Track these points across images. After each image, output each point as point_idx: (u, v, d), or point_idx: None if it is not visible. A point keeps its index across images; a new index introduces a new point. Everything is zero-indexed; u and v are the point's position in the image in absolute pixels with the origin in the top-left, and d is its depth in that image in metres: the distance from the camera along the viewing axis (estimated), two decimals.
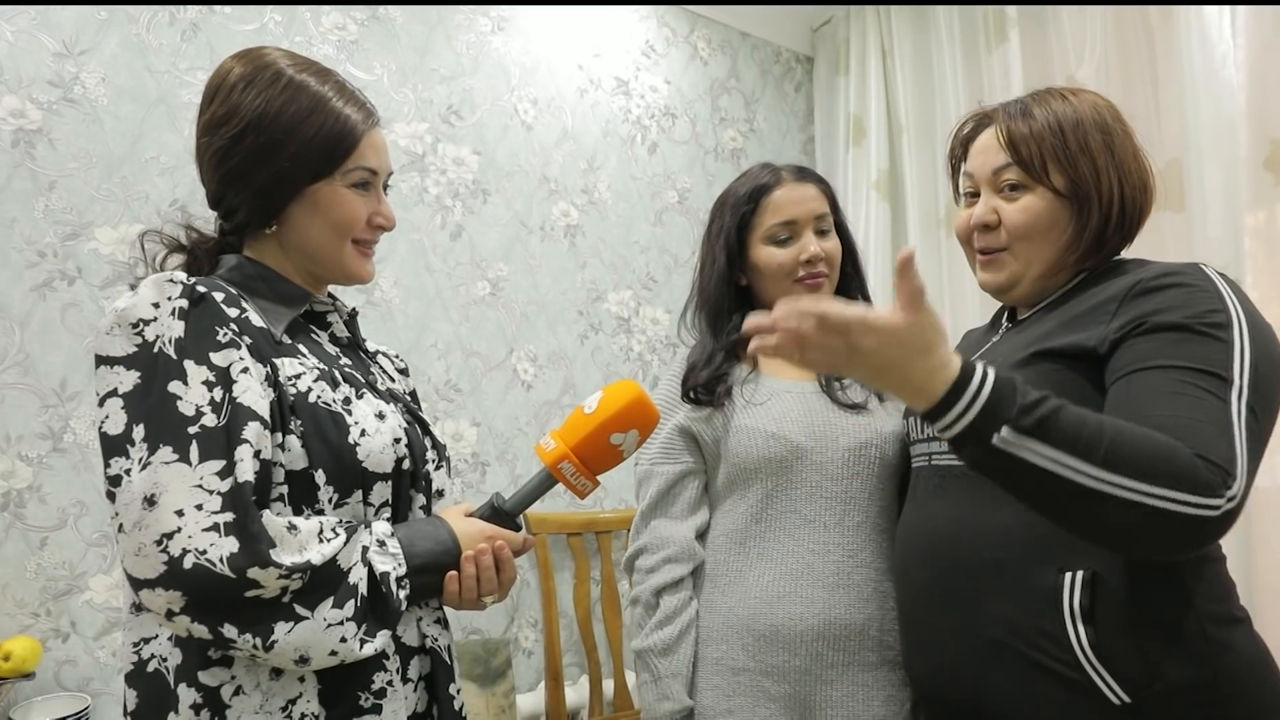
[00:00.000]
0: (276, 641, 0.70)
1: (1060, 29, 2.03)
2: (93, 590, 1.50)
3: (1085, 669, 0.80)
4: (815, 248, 1.18)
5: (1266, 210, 1.62)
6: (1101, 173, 0.91)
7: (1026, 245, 0.95)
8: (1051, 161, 0.92)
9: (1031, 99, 0.97)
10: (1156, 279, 0.84)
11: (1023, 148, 0.93)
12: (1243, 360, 0.77)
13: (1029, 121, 0.94)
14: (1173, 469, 0.70)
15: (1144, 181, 0.94)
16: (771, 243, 1.21)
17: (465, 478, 1.96)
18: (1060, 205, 0.93)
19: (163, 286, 0.76)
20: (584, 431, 0.88)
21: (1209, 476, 0.70)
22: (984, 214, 0.97)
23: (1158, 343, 0.79)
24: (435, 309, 1.95)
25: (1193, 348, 0.77)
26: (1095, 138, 0.91)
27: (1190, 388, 0.75)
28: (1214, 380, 0.75)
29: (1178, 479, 0.70)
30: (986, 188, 0.98)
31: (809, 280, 1.19)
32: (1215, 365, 0.76)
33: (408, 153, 1.94)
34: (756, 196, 1.22)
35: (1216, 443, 0.72)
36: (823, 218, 1.21)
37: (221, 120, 0.83)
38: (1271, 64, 1.62)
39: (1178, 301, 0.81)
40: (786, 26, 2.69)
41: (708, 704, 1.11)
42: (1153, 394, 0.76)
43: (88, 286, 1.55)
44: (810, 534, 1.12)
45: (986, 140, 0.98)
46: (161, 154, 1.64)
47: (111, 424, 0.72)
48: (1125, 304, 0.84)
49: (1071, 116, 0.92)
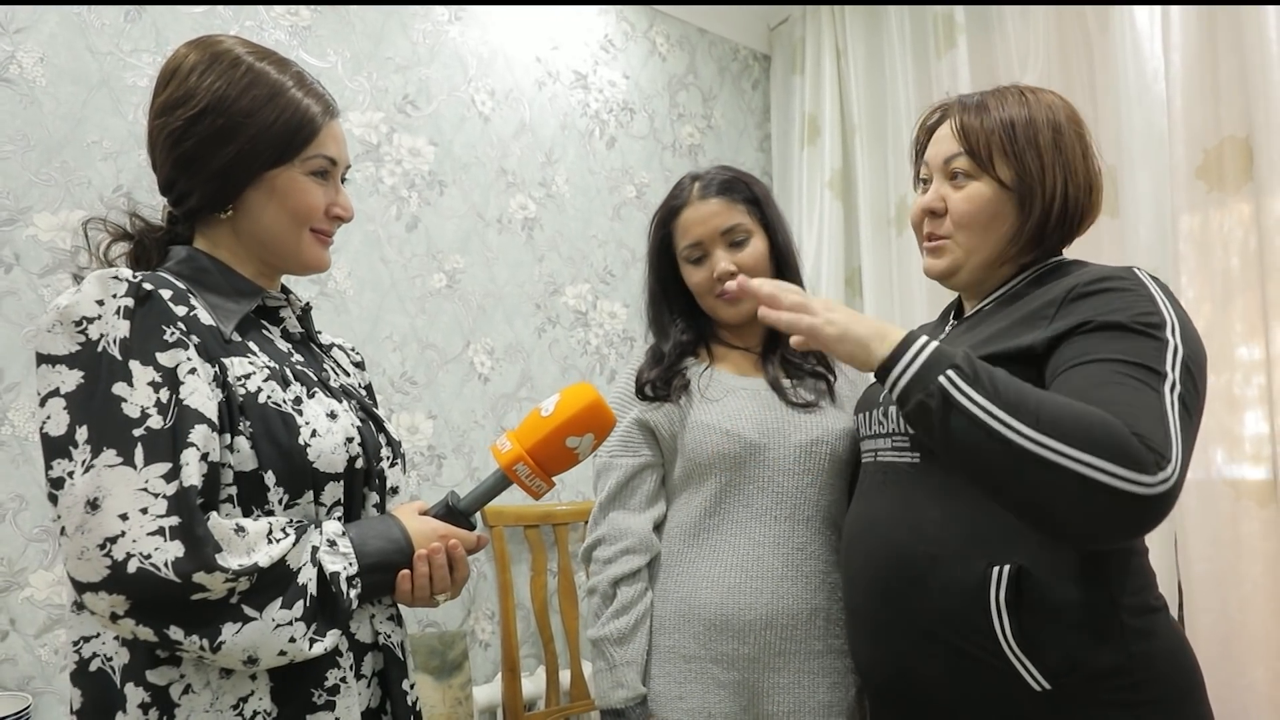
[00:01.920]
0: (224, 642, 0.69)
1: (1005, 37, 2.09)
2: (33, 587, 1.46)
3: (1009, 657, 0.84)
4: (725, 264, 1.20)
5: (1200, 215, 1.70)
6: (1047, 169, 0.94)
7: (969, 234, 0.98)
8: (999, 154, 0.95)
9: (990, 94, 1.00)
10: (1092, 283, 0.87)
11: (972, 138, 0.96)
12: (1175, 357, 0.80)
13: (982, 114, 0.97)
14: (1110, 442, 0.72)
15: (1090, 183, 0.97)
16: (688, 263, 1.24)
17: (421, 470, 1.95)
18: (1004, 197, 0.96)
19: (107, 283, 0.74)
20: (540, 434, 0.88)
21: (1145, 455, 0.72)
22: (931, 200, 1.00)
23: (1096, 340, 0.82)
24: (390, 300, 1.93)
25: (1128, 344, 0.81)
26: (1045, 135, 0.94)
27: (1126, 379, 0.78)
28: (1149, 373, 0.78)
29: (1115, 452, 0.71)
30: (938, 175, 1.01)
31: (726, 295, 1.21)
32: (1150, 360, 0.79)
33: (363, 142, 1.92)
34: (668, 221, 1.26)
35: (1153, 427, 0.74)
36: (732, 230, 1.21)
37: (178, 102, 0.81)
38: (1205, 77, 1.70)
39: (1116, 304, 0.84)
40: (744, 24, 2.71)
41: (659, 690, 1.14)
42: (1090, 382, 0.79)
43: (26, 274, 1.50)
44: (761, 527, 1.15)
45: (944, 130, 1.01)
46: (104, 138, 1.59)
47: (53, 424, 0.70)
48: (1064, 307, 0.87)
49: (1024, 114, 0.96)
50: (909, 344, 0.81)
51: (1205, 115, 1.69)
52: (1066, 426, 0.73)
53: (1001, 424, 0.74)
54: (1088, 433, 0.72)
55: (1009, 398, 0.76)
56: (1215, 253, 1.67)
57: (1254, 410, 1.61)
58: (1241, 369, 1.63)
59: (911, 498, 0.95)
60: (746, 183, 1.25)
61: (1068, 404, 0.75)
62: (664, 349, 1.26)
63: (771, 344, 1.28)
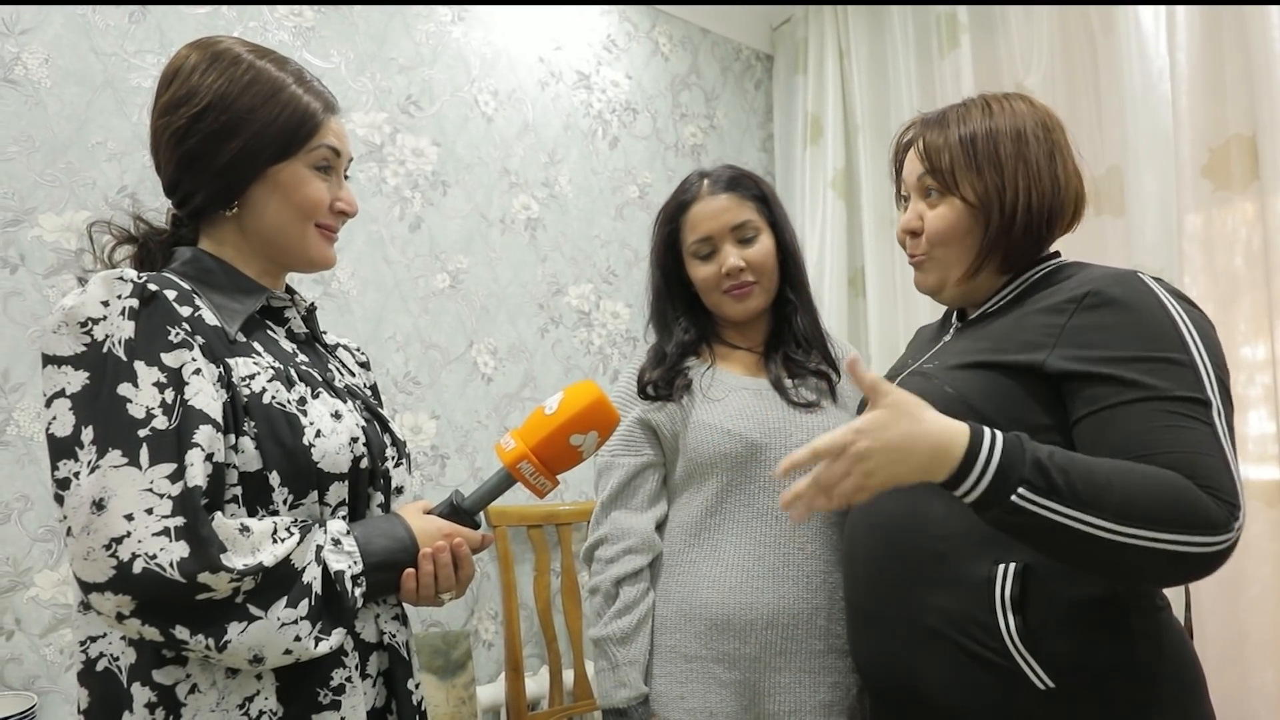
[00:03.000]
0: (229, 642, 0.69)
1: (1009, 37, 2.09)
2: (38, 586, 1.46)
3: (1013, 656, 0.84)
4: (735, 260, 1.19)
5: (1204, 214, 1.69)
6: (1008, 180, 0.93)
7: (944, 251, 0.99)
8: (960, 171, 0.95)
9: (952, 110, 1.00)
10: (1096, 296, 0.85)
11: (934, 157, 0.97)
12: (1209, 377, 0.81)
13: (943, 132, 0.97)
14: (1185, 514, 0.74)
15: (1059, 185, 0.95)
16: (696, 258, 1.23)
17: (424, 470, 1.95)
18: (971, 214, 0.96)
19: (112, 284, 0.74)
20: (544, 432, 0.88)
21: (1218, 514, 0.75)
22: (909, 220, 1.02)
23: (1132, 372, 0.81)
24: (394, 301, 1.94)
25: (1165, 376, 0.80)
26: (1006, 146, 0.94)
27: (1177, 418, 0.79)
28: (1196, 406, 0.79)
29: (1197, 523, 0.74)
30: (914, 194, 1.02)
31: (735, 291, 1.21)
32: (1191, 389, 0.80)
33: (366, 143, 1.92)
34: (677, 215, 1.25)
35: (1219, 474, 0.76)
36: (741, 226, 1.20)
37: (181, 100, 0.82)
38: (1210, 75, 1.69)
39: (1130, 328, 0.83)
40: (747, 24, 2.71)
41: (661, 690, 1.14)
42: (1146, 428, 0.79)
43: (31, 275, 1.50)
44: (762, 527, 1.15)
45: (913, 151, 1.02)
46: (109, 139, 1.60)
47: (59, 425, 0.71)
48: (1073, 319, 0.86)
49: (985, 126, 0.95)
50: (970, 466, 0.75)
51: (1211, 114, 1.68)
52: (1148, 508, 0.74)
53: (1086, 524, 0.74)
54: (1169, 510, 0.74)
55: (1086, 496, 0.74)
56: (1220, 252, 1.67)
57: (1259, 410, 1.61)
58: (1246, 369, 1.62)
59: (914, 496, 0.94)
60: (754, 180, 1.26)
61: (1141, 481, 0.75)
62: (666, 348, 1.26)
63: (774, 343, 1.28)
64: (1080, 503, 0.74)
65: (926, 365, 1.01)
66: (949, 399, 0.90)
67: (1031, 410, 0.86)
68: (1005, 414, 0.86)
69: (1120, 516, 0.74)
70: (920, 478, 0.77)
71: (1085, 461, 0.77)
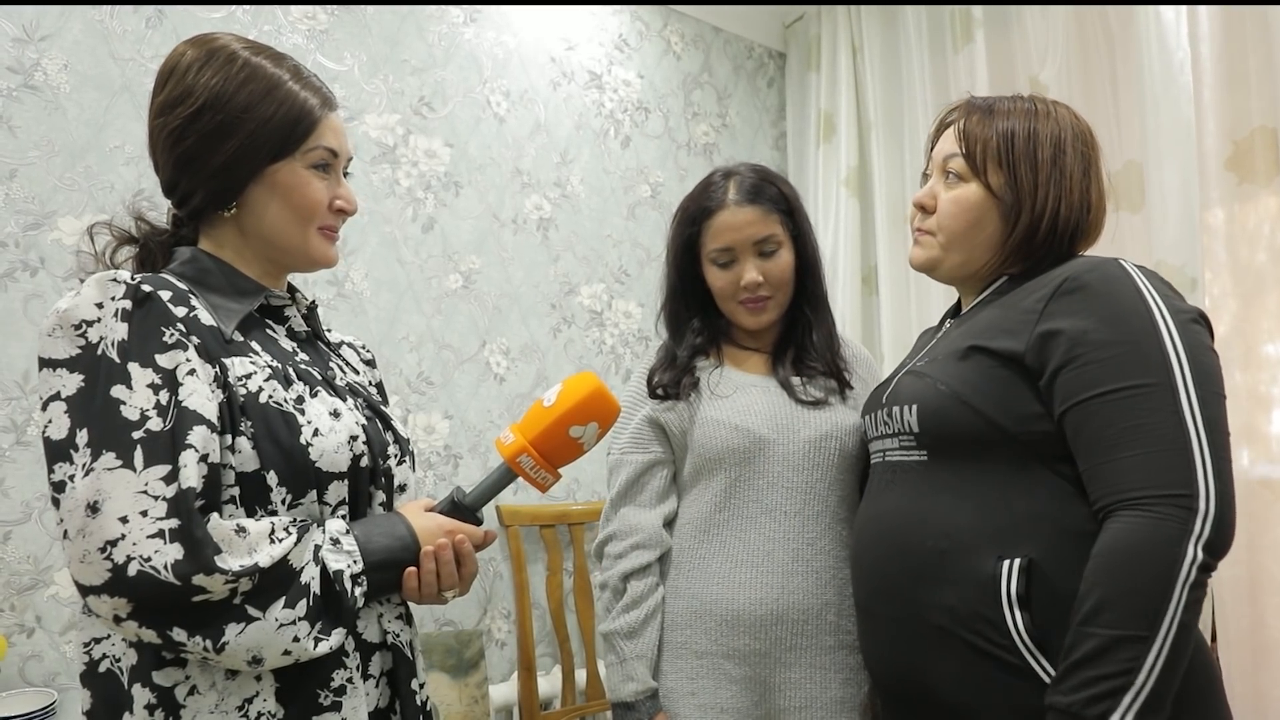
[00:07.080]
0: (228, 643, 0.69)
1: (1024, 32, 2.06)
2: (58, 585, 1.49)
3: (1021, 652, 0.83)
4: (753, 274, 1.18)
5: (1227, 209, 1.66)
6: (1040, 185, 0.94)
7: (949, 233, 0.99)
8: (993, 161, 0.96)
9: (1003, 101, 1.00)
10: (1069, 281, 0.86)
11: (970, 142, 0.97)
12: (1179, 358, 0.79)
13: (987, 120, 0.98)
14: (1163, 569, 0.75)
15: (1087, 204, 0.96)
16: (714, 265, 1.22)
17: (437, 470, 1.96)
18: (990, 203, 0.96)
19: (106, 286, 0.74)
20: (543, 425, 0.87)
21: (1180, 524, 0.75)
22: (923, 196, 1.03)
23: (1096, 368, 0.82)
24: (407, 301, 1.95)
25: (1128, 361, 0.80)
26: (1045, 151, 0.94)
27: (1139, 411, 0.79)
28: (1158, 391, 0.78)
29: (1168, 579, 0.75)
30: (936, 173, 1.03)
31: (750, 304, 1.20)
32: (1154, 373, 0.79)
33: (379, 144, 1.93)
34: (700, 219, 1.22)
35: (1173, 473, 0.77)
36: (765, 240, 1.19)
37: (176, 100, 0.81)
38: (1234, 67, 1.66)
39: (1097, 312, 0.83)
40: (759, 22, 2.69)
41: (671, 686, 1.14)
42: (1109, 433, 0.80)
43: (50, 277, 1.53)
44: (771, 522, 1.15)
45: (951, 130, 1.02)
46: (126, 143, 1.62)
47: (55, 428, 0.70)
48: (1048, 307, 0.87)
49: (1028, 127, 0.95)
50: None
51: (1235, 106, 1.65)
52: (1138, 611, 0.76)
53: (1136, 679, 0.75)
54: (1151, 603, 0.75)
55: (1115, 680, 0.76)
56: (1242, 248, 1.64)
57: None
58: (1269, 367, 1.59)
59: (920, 495, 0.94)
60: (780, 188, 1.22)
61: (1120, 593, 0.77)
62: (677, 351, 1.26)
63: (783, 344, 1.27)
64: (1120, 686, 0.75)
65: (920, 364, 1.01)
66: (943, 396, 0.92)
67: (1022, 399, 0.87)
68: (997, 405, 0.88)
69: (1157, 649, 0.75)
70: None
71: (1093, 640, 0.77)
